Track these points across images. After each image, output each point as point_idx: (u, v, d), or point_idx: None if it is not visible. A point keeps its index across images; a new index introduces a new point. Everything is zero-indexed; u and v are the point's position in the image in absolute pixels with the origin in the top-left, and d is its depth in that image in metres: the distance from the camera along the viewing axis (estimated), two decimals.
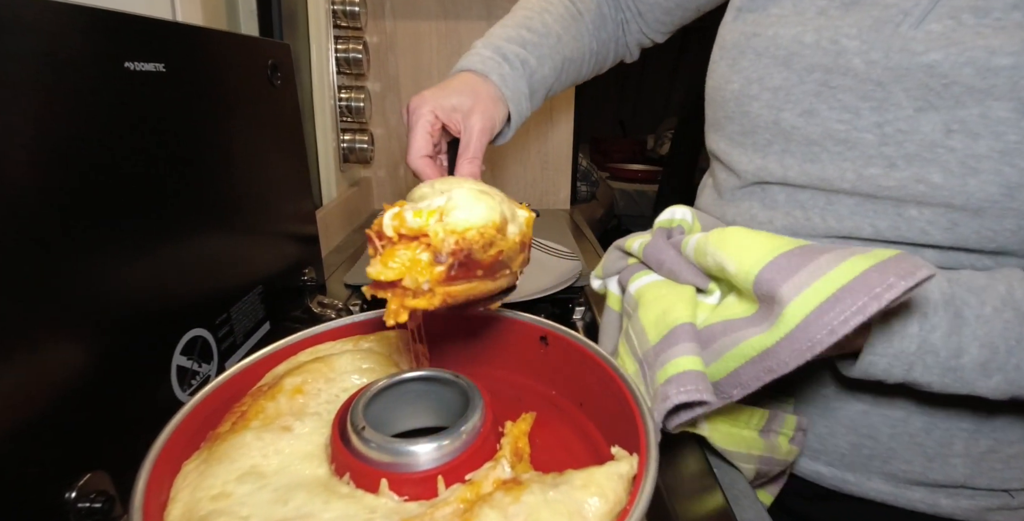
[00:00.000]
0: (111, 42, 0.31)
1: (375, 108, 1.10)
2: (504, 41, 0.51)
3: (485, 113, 0.47)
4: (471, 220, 0.28)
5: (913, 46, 0.34)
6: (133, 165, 0.33)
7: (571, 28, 0.56)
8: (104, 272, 0.31)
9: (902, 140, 0.35)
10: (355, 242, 0.93)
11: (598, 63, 0.63)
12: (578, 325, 0.66)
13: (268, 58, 0.52)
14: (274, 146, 0.53)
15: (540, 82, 0.53)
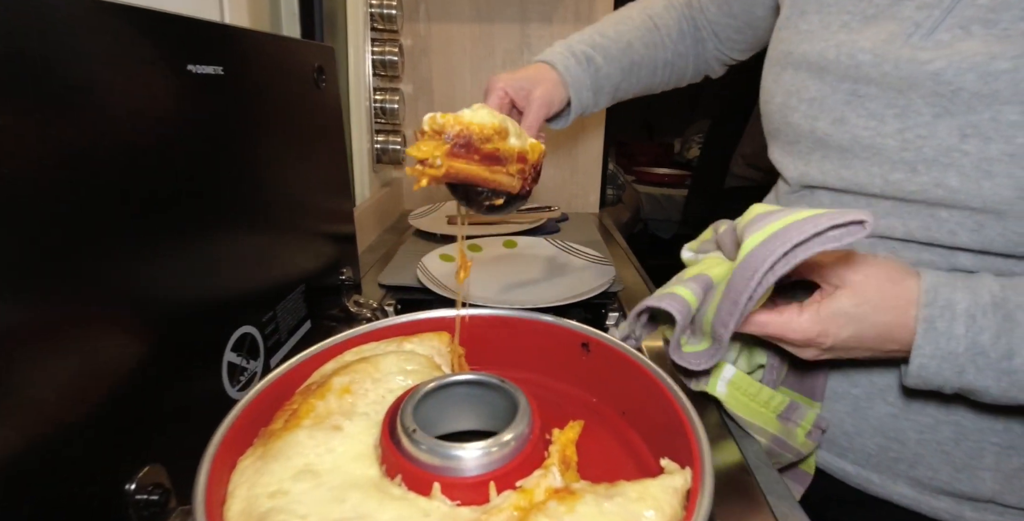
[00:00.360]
0: (175, 45, 0.32)
1: (408, 110, 1.11)
2: (576, 41, 0.60)
3: (545, 91, 0.55)
4: (474, 119, 0.37)
5: (920, 56, 0.36)
6: (191, 165, 0.34)
7: (645, 37, 0.62)
8: (162, 269, 0.32)
9: (921, 145, 0.37)
10: (387, 242, 0.94)
11: (675, 73, 0.67)
12: (612, 331, 0.66)
13: (314, 61, 0.52)
14: (318, 148, 0.54)
15: (605, 78, 0.60)
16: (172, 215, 0.32)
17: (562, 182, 1.18)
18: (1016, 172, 0.33)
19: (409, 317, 0.43)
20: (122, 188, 0.28)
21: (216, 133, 0.37)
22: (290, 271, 0.48)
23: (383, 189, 1.05)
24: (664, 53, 0.64)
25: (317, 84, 0.53)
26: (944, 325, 0.33)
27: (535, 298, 0.65)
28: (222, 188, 0.38)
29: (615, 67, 0.60)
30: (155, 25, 0.31)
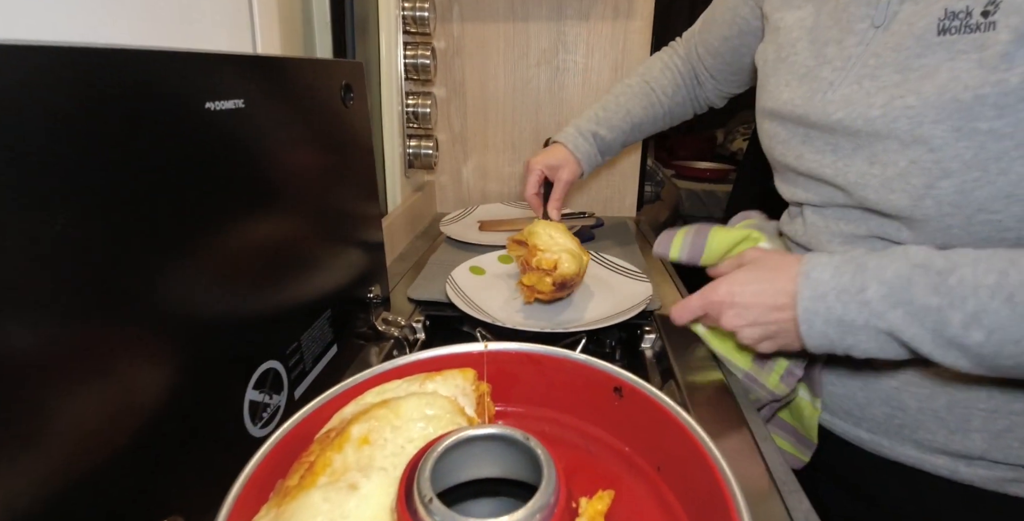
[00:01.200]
0: (192, 84, 0.31)
1: (440, 113, 1.09)
2: (585, 120, 0.82)
3: (569, 173, 0.81)
4: (568, 271, 0.61)
5: (829, 108, 0.48)
6: (212, 201, 0.33)
7: (642, 101, 0.82)
8: (183, 308, 0.31)
9: (847, 171, 0.48)
10: (419, 249, 0.93)
11: (676, 118, 0.87)
12: (647, 354, 0.63)
13: (342, 79, 0.51)
14: (346, 164, 0.53)
15: (612, 142, 0.83)
16: (192, 251, 0.32)
17: (598, 185, 1.14)
18: (906, 188, 0.43)
19: (432, 353, 0.41)
20: (138, 227, 0.28)
21: (239, 167, 0.36)
22: (316, 297, 0.48)
23: (415, 194, 1.04)
24: (662, 109, 0.83)
25: (345, 102, 0.52)
26: (816, 274, 0.44)
27: (567, 320, 0.63)
28: (246, 220, 0.37)
29: (618, 132, 0.82)
30: (170, 66, 0.30)
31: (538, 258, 0.62)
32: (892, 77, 0.44)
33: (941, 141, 0.41)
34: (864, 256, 0.43)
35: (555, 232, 0.67)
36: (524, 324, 0.60)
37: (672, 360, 0.57)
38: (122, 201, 0.26)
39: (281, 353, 0.41)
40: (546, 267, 0.61)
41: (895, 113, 0.43)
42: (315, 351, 0.47)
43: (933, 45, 0.41)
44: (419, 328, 0.66)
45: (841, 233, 0.52)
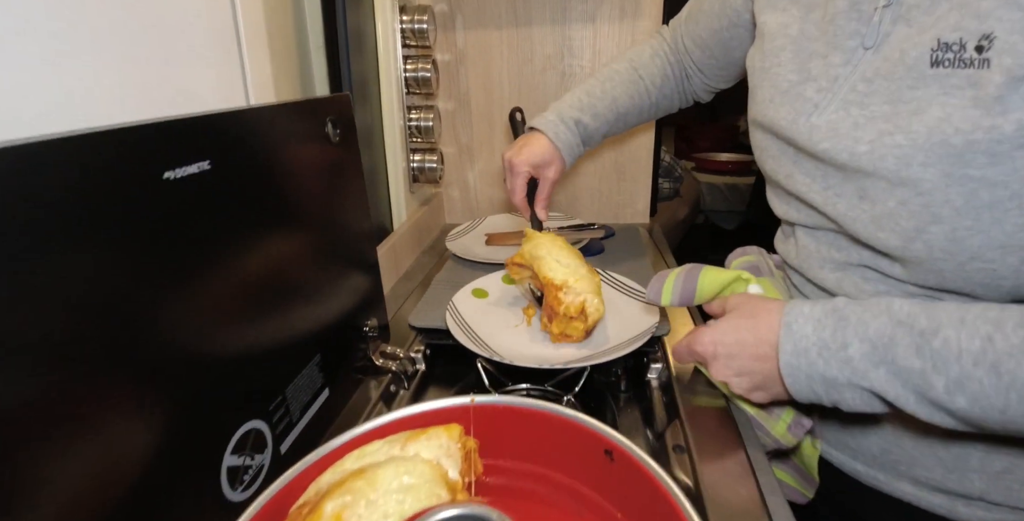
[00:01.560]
0: (146, 157, 0.30)
1: (445, 126, 1.07)
2: (567, 106, 0.75)
3: (556, 168, 0.74)
4: (598, 314, 0.60)
5: (814, 136, 0.45)
6: (183, 261, 0.32)
7: (629, 90, 0.76)
8: (154, 371, 0.30)
9: (836, 202, 0.45)
10: (425, 266, 0.92)
11: (662, 109, 0.82)
12: (652, 384, 0.61)
13: (326, 116, 0.50)
14: (334, 200, 0.52)
15: (594, 132, 0.76)
16: (167, 315, 0.31)
17: (608, 192, 1.11)
18: (896, 228, 0.41)
19: (416, 409, 0.40)
20: (104, 300, 0.27)
21: (210, 228, 0.35)
22: (303, 344, 0.47)
23: (422, 208, 1.03)
24: (649, 99, 0.77)
25: (331, 138, 0.51)
26: (797, 327, 0.42)
27: (570, 353, 0.60)
28: (222, 279, 0.36)
29: (602, 121, 0.75)
30: (121, 142, 0.28)
31: (564, 306, 0.59)
32: (882, 108, 0.41)
33: (930, 185, 0.38)
34: (846, 307, 0.41)
35: (559, 253, 0.64)
36: (526, 357, 0.59)
37: (677, 393, 0.55)
38: (84, 275, 0.25)
39: (263, 411, 0.41)
40: (574, 313, 0.59)
41: (883, 151, 0.40)
42: (303, 400, 0.46)
43: (926, 77, 0.38)
44: (419, 358, 0.65)
45: (833, 260, 0.49)
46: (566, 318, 0.59)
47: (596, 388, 0.62)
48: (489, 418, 0.40)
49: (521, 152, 0.72)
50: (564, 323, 0.60)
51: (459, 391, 0.64)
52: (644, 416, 0.57)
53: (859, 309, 0.40)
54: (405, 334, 0.69)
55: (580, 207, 1.12)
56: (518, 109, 0.86)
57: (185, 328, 0.33)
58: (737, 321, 0.45)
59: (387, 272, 0.82)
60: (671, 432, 0.50)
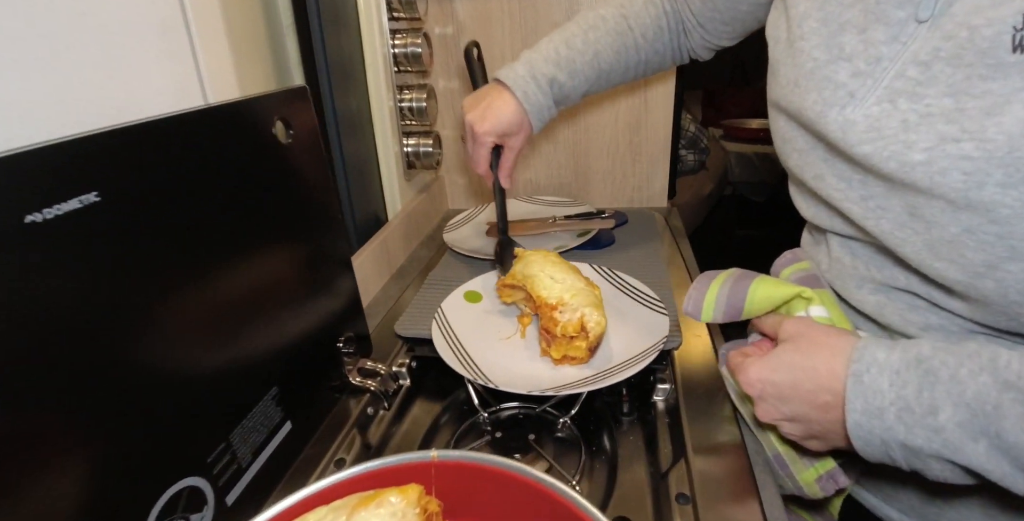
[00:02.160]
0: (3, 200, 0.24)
1: (443, 106, 0.99)
2: (542, 59, 0.63)
3: (523, 136, 0.67)
4: (599, 328, 0.53)
5: (849, 135, 0.36)
6: (82, 314, 0.27)
7: (615, 43, 0.64)
8: (63, 430, 0.26)
9: (880, 217, 0.37)
10: (421, 260, 0.86)
11: (651, 68, 0.69)
12: (658, 406, 0.54)
13: (274, 114, 0.43)
14: (289, 211, 0.46)
15: (571, 91, 0.65)
16: (68, 357, 0.26)
17: (621, 174, 1.02)
18: (959, 260, 0.33)
19: (369, 467, 0.35)
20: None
21: (88, 273, 0.29)
22: (254, 378, 0.42)
23: (419, 196, 0.96)
24: (637, 55, 0.66)
25: (280, 140, 0.44)
26: (870, 379, 0.33)
27: (569, 373, 0.54)
28: (148, 319, 0.31)
29: (580, 79, 0.64)
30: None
31: (561, 325, 0.53)
32: (941, 103, 0.31)
33: (1010, 212, 0.29)
34: (934, 356, 0.32)
35: (553, 269, 0.58)
36: (518, 378, 0.53)
37: (685, 422, 0.48)
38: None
39: (199, 464, 0.36)
40: (573, 332, 0.53)
41: (944, 162, 0.31)
42: (255, 441, 0.41)
43: (1005, 65, 0.29)
44: (403, 372, 0.60)
45: (873, 280, 0.41)
46: (565, 339, 0.53)
47: (596, 408, 0.56)
48: (454, 476, 0.35)
49: (486, 118, 0.64)
50: (564, 345, 0.53)
51: (445, 411, 0.59)
52: (647, 445, 0.51)
53: (951, 360, 0.31)
54: (392, 343, 0.64)
55: (591, 191, 1.04)
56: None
57: (93, 377, 0.28)
58: (793, 358, 0.37)
59: (377, 270, 0.77)
60: (675, 475, 0.44)
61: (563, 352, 0.53)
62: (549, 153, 1.01)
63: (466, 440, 0.54)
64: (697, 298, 0.45)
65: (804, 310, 0.42)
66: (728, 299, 0.43)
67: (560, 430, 0.54)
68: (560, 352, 0.53)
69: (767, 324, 0.43)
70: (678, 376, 0.54)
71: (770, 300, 0.42)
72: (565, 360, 0.54)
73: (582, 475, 0.49)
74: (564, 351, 0.53)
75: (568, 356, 0.54)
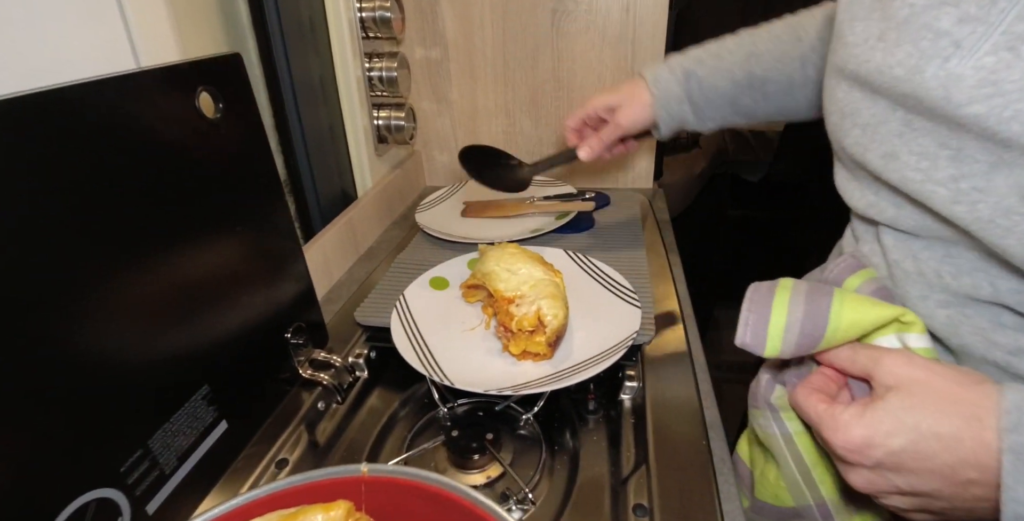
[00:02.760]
0: None
1: (419, 77, 0.93)
2: (683, 56, 0.59)
3: (627, 115, 0.61)
4: (558, 320, 0.51)
5: (953, 93, 0.29)
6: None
7: (776, 49, 0.54)
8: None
9: (976, 200, 0.29)
10: (393, 240, 0.82)
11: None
12: (625, 405, 0.52)
13: (196, 86, 0.38)
14: (223, 190, 0.42)
15: (710, 91, 0.57)
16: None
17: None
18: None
19: (289, 483, 0.31)
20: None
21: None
22: (182, 376, 0.38)
23: (393, 172, 0.91)
24: (802, 68, 0.54)
25: (210, 113, 0.39)
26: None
27: (532, 370, 0.51)
28: (47, 309, 0.27)
29: (724, 79, 0.56)
30: None
31: (517, 319, 0.50)
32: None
33: None
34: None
35: (511, 261, 0.54)
36: (478, 375, 0.50)
37: (650, 424, 0.45)
38: None
39: (110, 475, 0.33)
40: (530, 326, 0.50)
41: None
42: (180, 445, 0.38)
43: None
44: (361, 364, 0.57)
45: (946, 288, 0.33)
46: (524, 334, 0.50)
47: (561, 405, 0.54)
48: (386, 492, 0.32)
49: (629, 115, 0.61)
50: (523, 340, 0.50)
51: (404, 404, 0.56)
52: (610, 446, 0.48)
53: None
54: (352, 330, 0.60)
55: (574, 170, 0.99)
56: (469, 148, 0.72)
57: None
58: (917, 418, 0.28)
59: (342, 250, 0.73)
60: (635, 483, 0.42)
61: (522, 347, 0.50)
62: (530, 130, 0.96)
63: (422, 438, 0.51)
64: (758, 325, 0.33)
65: (894, 338, 0.32)
66: (802, 326, 0.32)
67: (523, 427, 0.51)
68: (519, 347, 0.50)
69: (841, 357, 0.33)
70: (646, 374, 0.51)
71: (859, 326, 0.32)
72: (526, 355, 0.51)
73: (541, 476, 0.46)
74: (523, 346, 0.50)
75: (528, 351, 0.51)
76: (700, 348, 0.54)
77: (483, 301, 0.59)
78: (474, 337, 0.56)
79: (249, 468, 0.43)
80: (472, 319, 0.59)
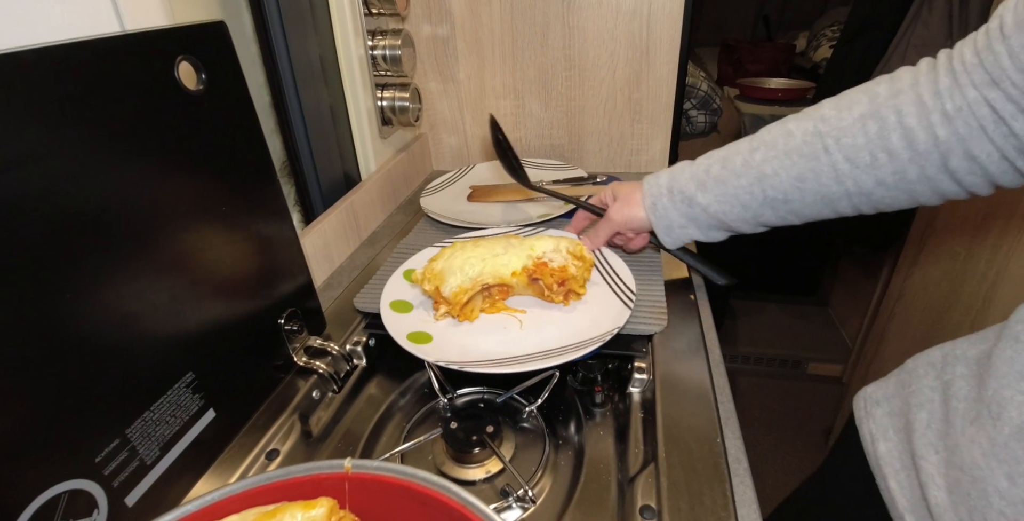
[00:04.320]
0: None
1: (425, 56, 0.90)
2: (688, 176, 0.53)
3: (623, 210, 0.58)
4: (458, 283, 0.52)
5: None
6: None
7: (793, 167, 0.45)
8: None
9: None
10: (396, 225, 0.80)
11: (882, 202, 0.44)
12: (634, 397, 0.49)
13: (175, 56, 0.35)
14: (208, 168, 0.39)
15: (720, 215, 0.51)
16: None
17: (619, 135, 0.93)
18: None
19: (268, 478, 0.29)
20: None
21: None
22: (164, 361, 0.36)
23: (398, 155, 0.88)
24: (839, 185, 0.44)
25: (192, 84, 0.37)
26: None
27: (527, 343, 0.49)
28: (24, 287, 0.25)
29: (733, 205, 0.50)
30: None
31: (558, 268, 0.53)
32: None
33: None
34: None
35: (468, 257, 0.54)
36: (480, 354, 0.47)
37: (660, 419, 0.43)
38: None
39: (84, 464, 0.31)
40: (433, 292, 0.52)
41: None
42: (163, 435, 0.36)
43: None
44: (359, 351, 0.55)
45: None
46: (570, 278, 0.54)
47: (566, 397, 0.51)
48: (371, 490, 0.30)
49: (622, 211, 0.58)
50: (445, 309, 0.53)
51: (403, 394, 0.54)
52: (618, 442, 0.46)
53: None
54: (352, 317, 0.58)
55: (585, 153, 0.96)
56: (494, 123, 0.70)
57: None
58: None
59: (344, 235, 0.71)
60: (643, 482, 0.39)
61: (446, 310, 0.53)
62: (539, 111, 0.93)
63: (420, 429, 0.49)
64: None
65: None
66: None
67: (525, 420, 0.49)
68: (443, 314, 0.53)
69: None
70: (656, 366, 0.48)
71: None
72: (571, 296, 0.55)
73: (543, 472, 0.44)
74: (447, 309, 0.53)
75: (572, 290, 0.54)
76: (715, 339, 0.51)
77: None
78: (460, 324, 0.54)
79: (238, 459, 0.41)
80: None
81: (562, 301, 0.54)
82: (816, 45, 2.42)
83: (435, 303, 0.53)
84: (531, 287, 0.54)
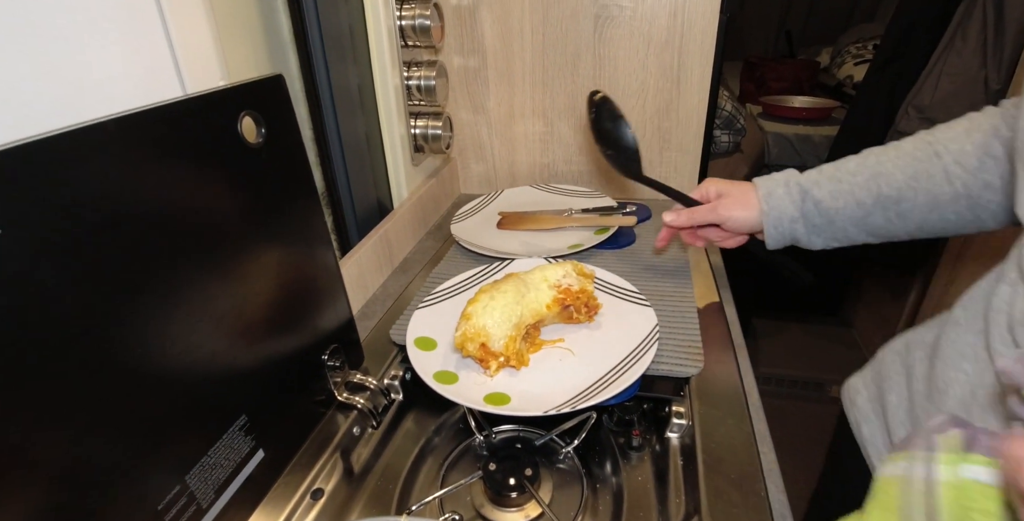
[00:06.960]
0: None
1: (456, 85, 0.91)
2: (803, 174, 0.54)
3: (731, 205, 0.57)
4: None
5: None
6: None
7: (908, 167, 0.48)
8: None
9: None
10: (427, 251, 0.81)
11: (974, 203, 0.46)
12: (672, 443, 0.49)
13: (239, 112, 0.37)
14: (263, 217, 0.40)
15: (831, 212, 0.52)
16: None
17: (647, 162, 0.93)
18: None
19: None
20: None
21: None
22: (220, 408, 0.37)
23: (428, 181, 0.90)
24: (951, 186, 0.46)
25: (252, 139, 0.38)
26: None
27: (563, 387, 0.49)
28: (81, 349, 0.26)
29: (847, 202, 0.51)
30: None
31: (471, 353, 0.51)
32: None
33: None
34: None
35: (489, 312, 0.52)
36: (512, 398, 0.48)
37: (701, 470, 0.43)
38: None
39: (147, 513, 0.32)
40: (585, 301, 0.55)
41: None
42: (218, 478, 0.37)
43: None
44: (396, 385, 0.55)
45: None
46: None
47: (602, 439, 0.51)
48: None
49: (731, 209, 0.56)
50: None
51: (439, 430, 0.54)
52: (658, 487, 0.46)
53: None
54: (388, 348, 0.59)
55: (612, 179, 0.96)
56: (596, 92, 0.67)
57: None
58: None
59: (377, 264, 0.72)
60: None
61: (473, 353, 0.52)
62: (568, 137, 0.94)
63: (456, 470, 0.49)
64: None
65: None
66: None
67: (562, 461, 0.49)
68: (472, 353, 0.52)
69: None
70: (695, 411, 0.48)
71: None
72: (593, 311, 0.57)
73: (583, 516, 0.44)
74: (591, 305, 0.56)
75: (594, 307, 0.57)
76: (753, 382, 0.51)
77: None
78: None
79: (284, 498, 0.42)
80: None
81: (588, 319, 0.56)
82: (840, 62, 2.41)
83: (483, 361, 0.50)
84: (560, 315, 0.55)
